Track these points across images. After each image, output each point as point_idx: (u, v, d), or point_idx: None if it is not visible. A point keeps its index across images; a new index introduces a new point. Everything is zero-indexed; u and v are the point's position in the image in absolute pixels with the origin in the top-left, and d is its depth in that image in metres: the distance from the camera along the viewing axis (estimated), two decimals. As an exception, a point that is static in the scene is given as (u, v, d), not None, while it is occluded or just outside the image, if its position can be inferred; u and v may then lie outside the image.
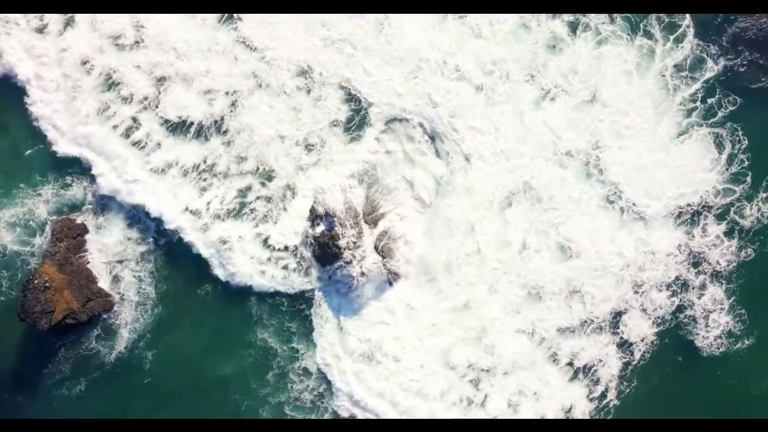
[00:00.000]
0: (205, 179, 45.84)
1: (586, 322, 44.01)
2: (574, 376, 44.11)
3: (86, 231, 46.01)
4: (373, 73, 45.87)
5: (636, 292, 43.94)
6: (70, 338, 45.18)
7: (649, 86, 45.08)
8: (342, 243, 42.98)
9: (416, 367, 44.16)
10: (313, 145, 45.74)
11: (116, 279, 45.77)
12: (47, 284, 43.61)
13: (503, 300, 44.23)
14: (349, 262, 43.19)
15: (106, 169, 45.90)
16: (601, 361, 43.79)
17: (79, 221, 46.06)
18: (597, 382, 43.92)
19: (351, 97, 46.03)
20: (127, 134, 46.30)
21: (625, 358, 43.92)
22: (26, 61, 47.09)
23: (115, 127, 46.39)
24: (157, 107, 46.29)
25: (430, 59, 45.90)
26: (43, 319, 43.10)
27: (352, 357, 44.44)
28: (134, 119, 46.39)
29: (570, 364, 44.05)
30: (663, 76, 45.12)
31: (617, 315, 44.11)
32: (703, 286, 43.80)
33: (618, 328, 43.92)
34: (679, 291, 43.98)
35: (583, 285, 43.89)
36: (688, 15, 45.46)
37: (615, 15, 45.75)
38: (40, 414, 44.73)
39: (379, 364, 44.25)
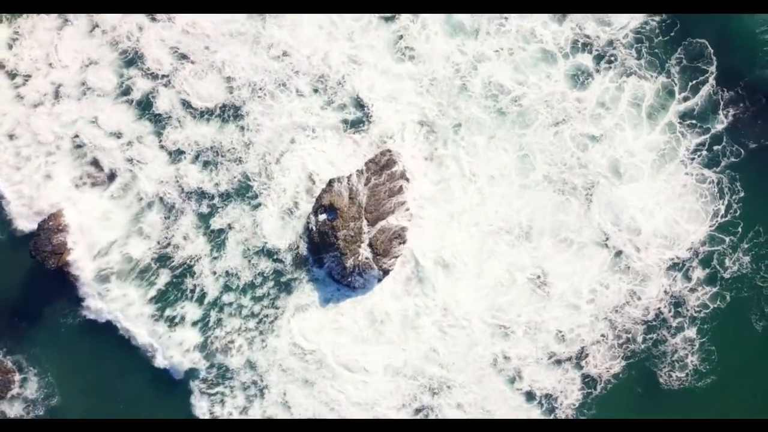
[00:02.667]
0: (216, 155, 47.38)
1: (552, 354, 44.00)
2: (538, 404, 43.95)
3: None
4: (381, 88, 46.88)
5: (611, 328, 44.02)
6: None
7: (659, 131, 45.18)
8: (341, 234, 44.01)
9: (372, 378, 44.40)
10: (319, 140, 46.87)
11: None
12: (60, 227, 45.85)
13: (476, 324, 44.36)
14: (344, 254, 44.02)
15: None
16: (562, 392, 43.67)
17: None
18: (555, 409, 43.77)
19: (362, 103, 46.98)
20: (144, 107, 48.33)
21: (587, 390, 43.68)
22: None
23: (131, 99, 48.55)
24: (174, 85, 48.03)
25: (440, 80, 46.56)
26: (52, 260, 45.21)
27: (305, 359, 45.06)
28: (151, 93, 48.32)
29: (530, 390, 43.96)
30: (674, 122, 45.13)
31: (584, 348, 44.06)
32: (680, 328, 43.81)
33: (584, 360, 43.88)
34: (658, 327, 43.98)
35: (555, 324, 44.06)
36: (715, 61, 45.25)
37: (642, 49, 45.83)
38: (44, 341, 46.93)
39: (333, 369, 44.64)
